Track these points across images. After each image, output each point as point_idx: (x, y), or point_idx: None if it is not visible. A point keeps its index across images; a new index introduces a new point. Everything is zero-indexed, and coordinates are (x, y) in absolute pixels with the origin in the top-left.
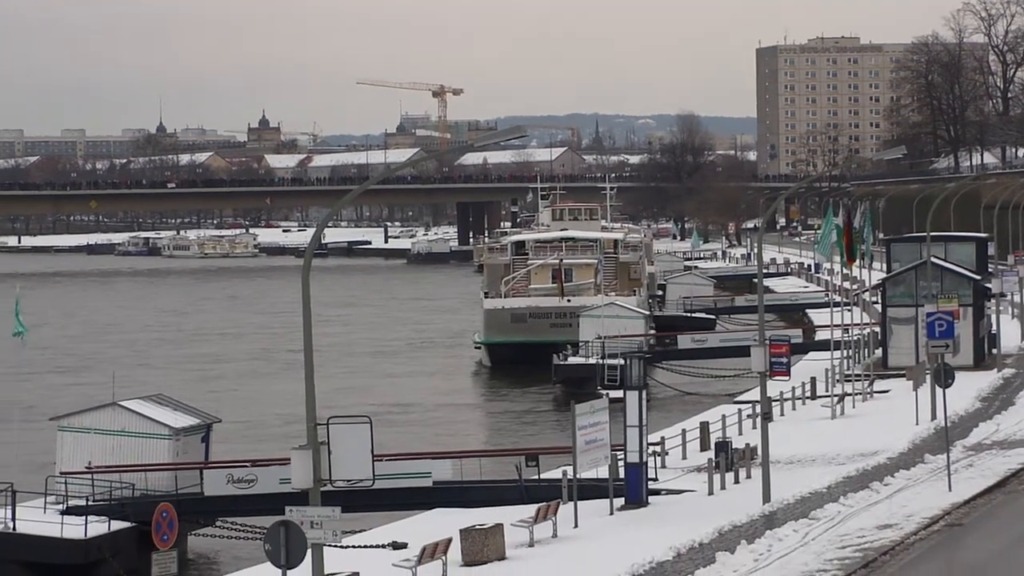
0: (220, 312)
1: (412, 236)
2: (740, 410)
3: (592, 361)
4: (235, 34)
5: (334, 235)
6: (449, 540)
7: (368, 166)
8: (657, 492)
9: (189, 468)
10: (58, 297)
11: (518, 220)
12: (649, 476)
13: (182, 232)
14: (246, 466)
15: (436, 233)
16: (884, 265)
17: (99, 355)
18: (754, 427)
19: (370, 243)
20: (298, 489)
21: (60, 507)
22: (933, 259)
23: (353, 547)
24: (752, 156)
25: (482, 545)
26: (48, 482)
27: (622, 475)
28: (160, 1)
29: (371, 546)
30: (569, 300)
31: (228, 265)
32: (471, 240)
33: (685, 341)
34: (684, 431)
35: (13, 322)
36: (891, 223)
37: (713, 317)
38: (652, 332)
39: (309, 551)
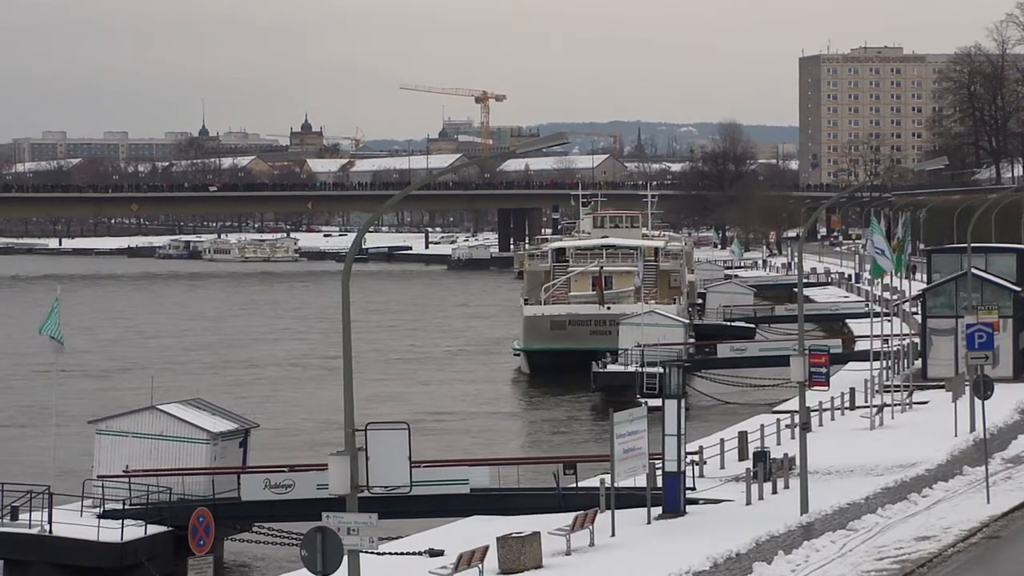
0: (259, 317)
1: (453, 242)
2: (779, 420)
3: (631, 369)
4: (278, 38)
5: (375, 240)
6: (486, 548)
7: (410, 171)
8: (695, 501)
9: (226, 473)
10: (98, 300)
11: (559, 227)
12: (687, 485)
13: (223, 236)
14: (284, 471)
15: (477, 239)
16: (925, 276)
17: (137, 359)
18: (792, 437)
19: (411, 248)
20: (335, 495)
21: (97, 511)
22: (974, 270)
23: (389, 554)
24: (794, 165)
25: (519, 553)
26: (85, 485)
27: (660, 484)
28: (203, 4)
29: (408, 553)
30: (609, 308)
31: (269, 269)
32: (512, 247)
33: (724, 350)
34: (722, 440)
35: (51, 325)
36: (932, 234)
37: (753, 326)
38: (691, 341)
39: (345, 558)
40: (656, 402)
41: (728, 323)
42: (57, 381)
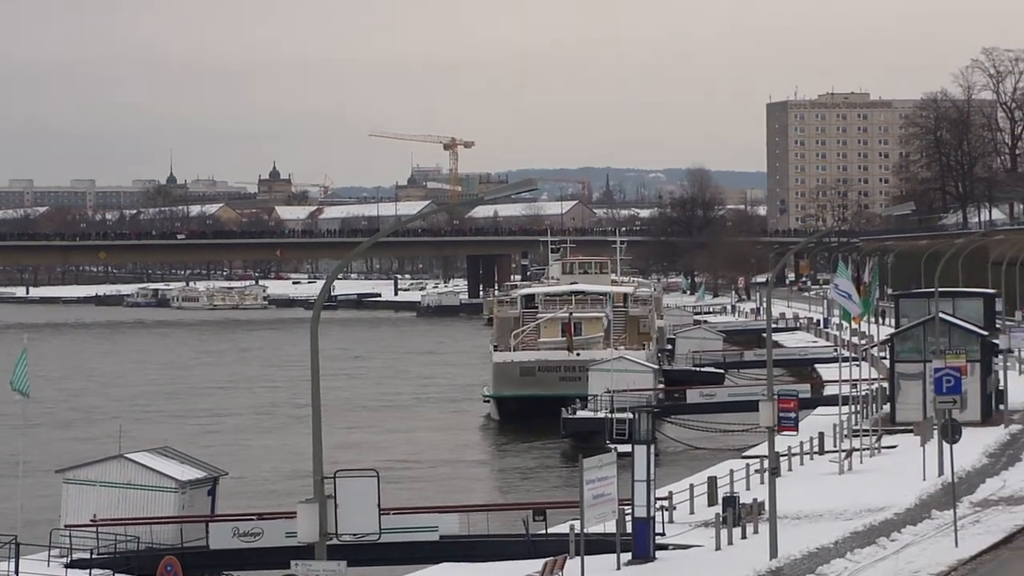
0: (227, 365)
1: (422, 289)
2: (748, 465)
3: (601, 415)
4: (246, 85)
5: (344, 287)
6: None
7: (379, 218)
8: (664, 547)
9: (195, 521)
10: (65, 349)
11: (528, 273)
12: (656, 531)
13: (191, 283)
14: (252, 519)
15: (446, 286)
16: (892, 320)
17: (104, 408)
18: (762, 482)
19: (380, 295)
20: (304, 543)
21: (64, 560)
22: (941, 315)
23: None
24: (762, 211)
25: None
26: (53, 535)
27: (629, 530)
28: (171, 51)
29: None
30: (578, 354)
31: (237, 317)
32: (481, 293)
33: (694, 395)
34: (692, 486)
35: (17, 376)
36: (900, 278)
37: (722, 371)
38: (661, 386)
39: None
40: (626, 448)
41: (697, 369)
42: (23, 431)
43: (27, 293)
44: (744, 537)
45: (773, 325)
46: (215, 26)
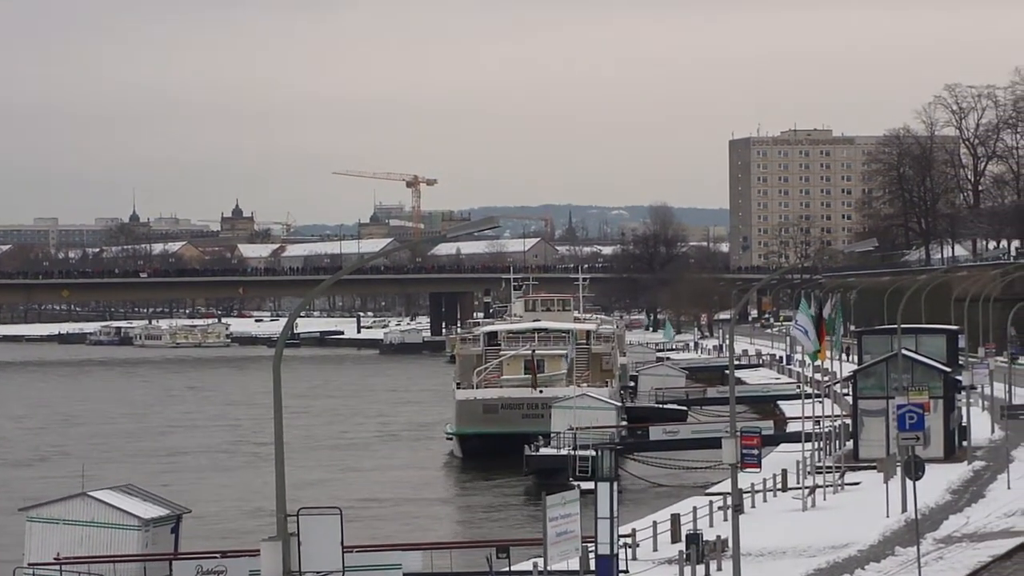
0: (190, 403)
1: (385, 326)
2: (711, 502)
3: (564, 452)
4: (209, 124)
5: (307, 325)
6: None
7: (341, 256)
8: None
9: (158, 559)
10: (27, 387)
11: (491, 311)
12: (620, 568)
13: (154, 321)
14: (216, 557)
15: (409, 323)
16: (855, 357)
17: (66, 447)
18: (725, 519)
19: (343, 333)
20: None
21: None
22: (904, 351)
23: None
24: (725, 248)
25: None
26: (16, 573)
27: (593, 567)
28: (134, 91)
29: None
30: (541, 391)
31: (200, 355)
32: (444, 330)
33: (657, 432)
34: (655, 523)
35: None
36: (863, 315)
37: (685, 408)
38: (624, 423)
39: None
40: (589, 485)
41: (660, 405)
42: None
43: None
44: (708, 574)
45: (736, 362)
46: (179, 65)
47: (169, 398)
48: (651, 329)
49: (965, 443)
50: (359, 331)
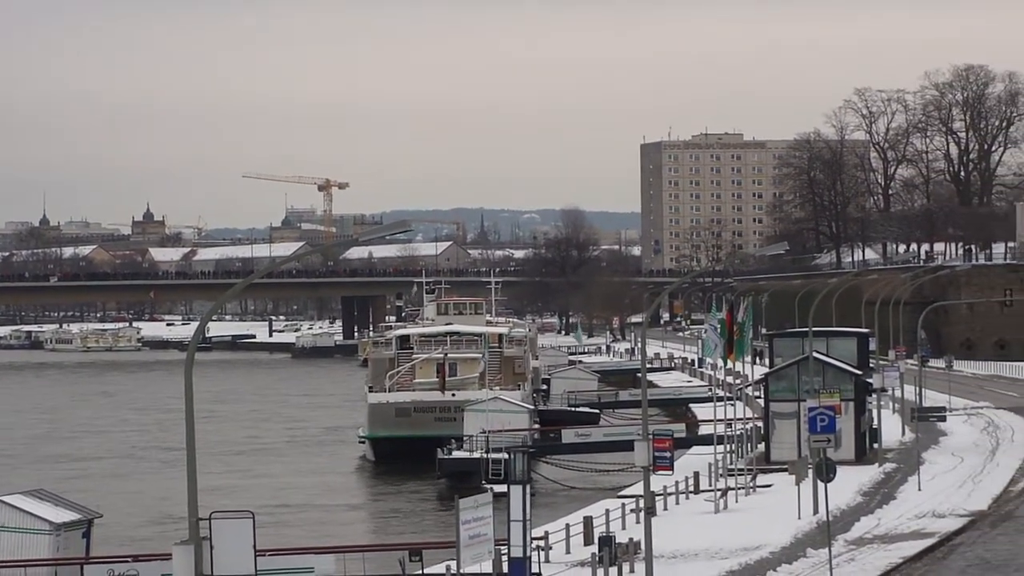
0: (100, 408)
1: (297, 330)
2: (624, 504)
3: (476, 455)
4: (120, 127)
5: (219, 329)
6: None
7: (253, 260)
8: None
9: (70, 564)
10: None
11: (403, 314)
12: (533, 571)
13: (65, 326)
14: (128, 561)
15: (321, 327)
16: (767, 360)
17: None
18: (638, 521)
19: (255, 337)
20: None
21: None
22: (815, 354)
23: None
24: (636, 251)
25: None
26: None
27: (506, 570)
28: (42, 93)
29: None
30: (454, 394)
31: (111, 359)
32: (356, 334)
33: (569, 435)
34: (568, 525)
35: None
36: (774, 318)
37: (597, 411)
38: (536, 426)
39: None
40: (501, 488)
41: (572, 408)
42: None
43: None
44: None
45: (648, 365)
46: (89, 70)
47: (79, 403)
48: (563, 332)
49: (876, 445)
50: (271, 335)
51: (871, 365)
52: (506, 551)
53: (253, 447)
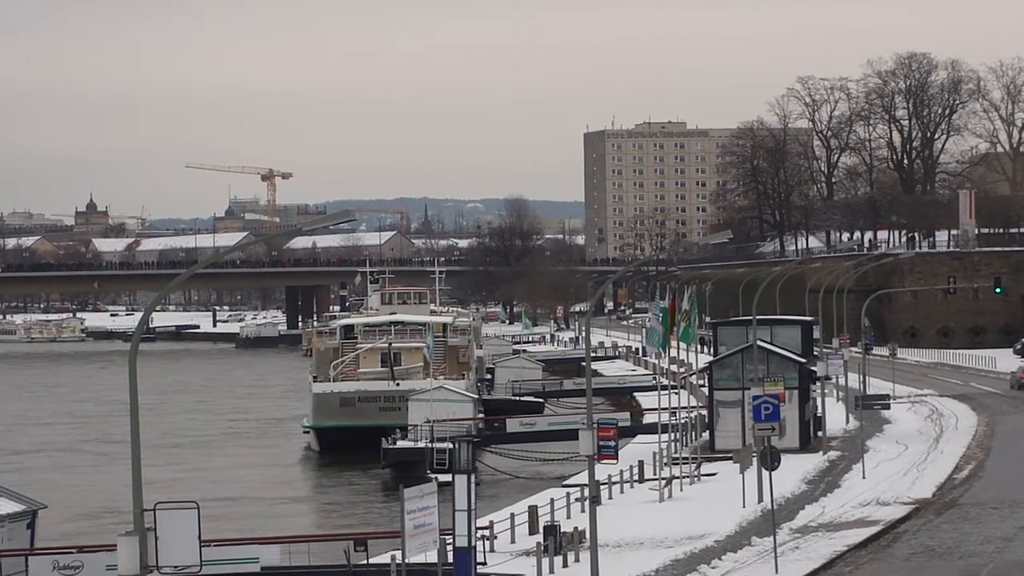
0: (43, 399)
1: (241, 320)
2: (568, 494)
3: (421, 445)
4: (62, 118)
5: (162, 319)
6: None
7: (197, 250)
8: None
9: (14, 555)
10: None
11: (347, 304)
12: (478, 560)
13: (8, 316)
14: (72, 552)
15: (265, 317)
16: (711, 348)
17: None
18: (583, 510)
19: (199, 327)
20: None
21: None
22: (759, 342)
23: None
24: (580, 240)
25: None
26: None
27: (451, 559)
28: None
29: None
30: (398, 384)
31: (55, 350)
32: (300, 324)
33: (514, 425)
34: (513, 515)
35: None
36: (718, 307)
37: (542, 401)
38: (481, 416)
39: None
40: (446, 477)
41: (517, 398)
42: None
43: None
44: (565, 566)
45: (592, 354)
46: (29, 59)
47: (21, 394)
48: (508, 322)
49: (820, 433)
50: (215, 325)
51: (815, 353)
52: (451, 541)
53: (196, 439)
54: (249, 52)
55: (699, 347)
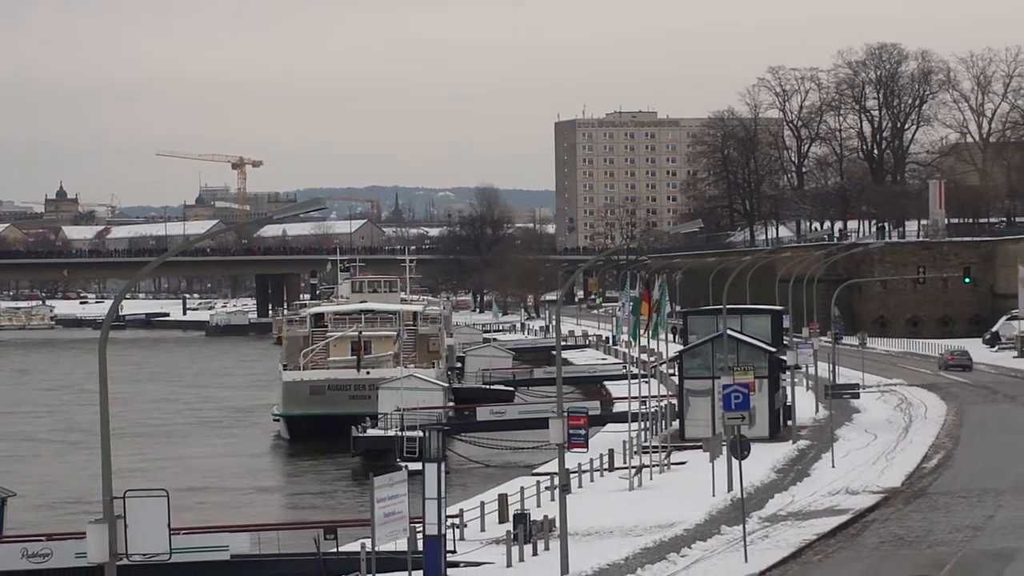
0: (10, 388)
1: (211, 308)
2: (539, 482)
3: (391, 433)
4: (32, 105)
5: (132, 307)
6: None
7: (167, 238)
8: (456, 564)
9: None
10: None
11: (317, 292)
12: (448, 549)
13: None
14: (41, 540)
15: (235, 305)
16: (681, 337)
17: None
18: (552, 499)
19: (168, 315)
20: (94, 563)
21: None
22: (729, 332)
23: None
24: (551, 229)
25: None
26: None
27: (421, 547)
28: None
29: None
30: (368, 372)
31: (24, 337)
32: (270, 312)
33: (484, 413)
34: (483, 503)
35: None
36: (688, 296)
37: (512, 389)
38: (451, 404)
39: None
40: (416, 466)
41: (487, 386)
42: None
43: None
44: (535, 554)
45: (563, 343)
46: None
47: None
48: (478, 310)
49: (790, 422)
50: (185, 313)
51: (785, 342)
52: (421, 529)
53: (165, 427)
54: (221, 41)
55: (669, 336)
